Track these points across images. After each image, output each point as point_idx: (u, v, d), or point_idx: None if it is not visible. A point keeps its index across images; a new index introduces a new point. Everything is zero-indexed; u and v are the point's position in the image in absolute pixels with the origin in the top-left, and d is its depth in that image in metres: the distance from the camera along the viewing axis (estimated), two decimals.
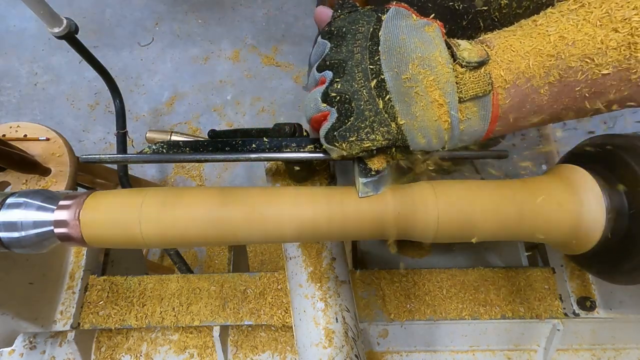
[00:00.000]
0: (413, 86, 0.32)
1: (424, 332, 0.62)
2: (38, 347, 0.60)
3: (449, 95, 0.32)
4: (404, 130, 0.33)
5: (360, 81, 0.34)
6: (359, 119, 0.34)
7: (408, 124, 0.33)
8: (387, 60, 0.33)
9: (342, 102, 0.34)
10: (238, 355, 0.61)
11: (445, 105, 0.33)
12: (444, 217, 0.37)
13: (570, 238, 0.39)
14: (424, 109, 0.33)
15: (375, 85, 0.33)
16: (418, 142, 0.34)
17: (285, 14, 2.09)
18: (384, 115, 0.33)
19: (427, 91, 0.32)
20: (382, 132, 0.33)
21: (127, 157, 0.45)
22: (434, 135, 0.34)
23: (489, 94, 0.33)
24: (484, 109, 0.33)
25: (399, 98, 0.33)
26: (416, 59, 0.32)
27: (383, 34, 0.34)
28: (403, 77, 0.32)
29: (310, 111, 0.37)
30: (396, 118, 0.33)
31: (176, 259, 0.93)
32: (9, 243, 0.36)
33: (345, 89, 0.34)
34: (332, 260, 0.52)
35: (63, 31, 0.90)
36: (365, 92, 0.33)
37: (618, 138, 0.40)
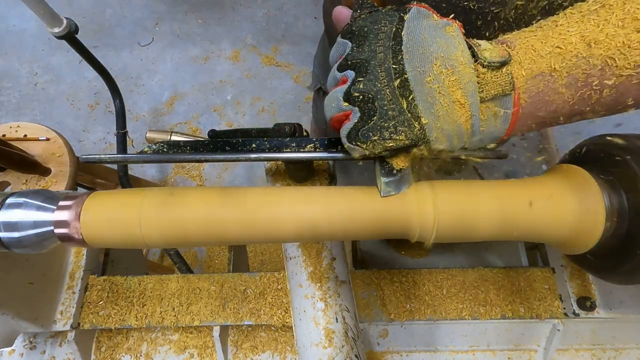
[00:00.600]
0: (436, 87, 0.32)
1: (424, 332, 0.62)
2: (38, 347, 0.60)
3: (470, 96, 0.32)
4: (427, 130, 0.33)
5: (383, 81, 0.33)
6: (382, 118, 0.33)
7: (431, 123, 0.33)
8: (410, 60, 0.33)
9: (365, 102, 0.34)
10: (238, 355, 0.61)
11: (467, 106, 0.33)
12: (442, 217, 0.37)
13: (570, 238, 0.39)
14: (446, 109, 0.33)
15: (399, 85, 0.33)
16: (440, 141, 0.34)
17: (285, 14, 2.09)
18: (407, 115, 0.33)
19: (449, 91, 0.32)
20: (406, 131, 0.33)
21: (127, 157, 0.45)
22: (456, 135, 0.34)
23: (511, 93, 0.33)
24: (505, 109, 0.33)
25: (422, 98, 0.33)
26: (438, 59, 0.32)
27: (406, 34, 0.34)
28: (426, 78, 0.32)
29: (331, 111, 0.36)
30: (419, 118, 0.33)
31: (176, 259, 0.93)
32: (9, 243, 0.36)
33: (368, 89, 0.34)
34: (332, 260, 0.52)
35: (63, 31, 0.90)
36: (389, 92, 0.33)
37: (618, 138, 0.40)
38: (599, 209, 0.37)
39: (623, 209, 0.37)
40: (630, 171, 0.37)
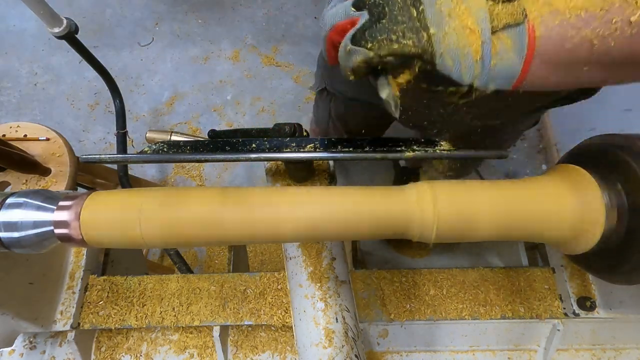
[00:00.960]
0: (446, 9, 0.33)
1: (424, 332, 0.62)
2: (38, 347, 0.60)
3: (481, 22, 0.32)
4: (434, 42, 0.33)
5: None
6: (391, 21, 0.33)
7: (438, 36, 0.33)
8: None
9: (375, 5, 0.34)
10: (238, 355, 0.61)
11: (477, 32, 0.32)
12: (442, 217, 0.37)
13: (570, 238, 0.39)
14: (455, 31, 0.33)
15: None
16: (446, 63, 0.34)
17: (285, 14, 2.09)
18: (417, 24, 0.33)
19: (459, 16, 0.33)
20: (413, 38, 0.33)
21: (127, 157, 0.45)
22: (463, 60, 0.33)
23: (523, 22, 0.32)
24: (519, 39, 0.32)
25: (432, 10, 0.33)
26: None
27: None
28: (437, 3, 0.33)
29: (335, 18, 0.36)
30: (428, 28, 0.33)
31: (176, 259, 0.93)
32: (9, 243, 0.36)
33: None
34: (332, 260, 0.52)
35: (63, 31, 0.90)
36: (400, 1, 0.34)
37: (618, 138, 0.40)
38: (599, 208, 0.37)
39: (623, 208, 0.37)
40: (630, 171, 0.37)
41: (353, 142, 0.44)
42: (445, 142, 0.44)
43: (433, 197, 0.38)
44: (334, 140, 0.44)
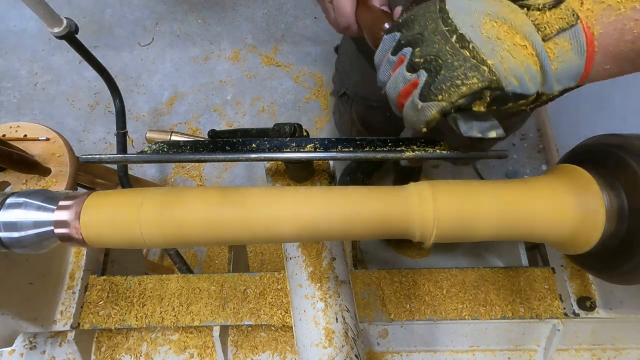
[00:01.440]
0: (493, 35, 0.34)
1: (424, 332, 0.62)
2: (38, 347, 0.60)
3: (530, 36, 0.34)
4: (496, 71, 0.34)
5: (441, 41, 0.36)
6: (449, 69, 0.35)
7: (497, 64, 0.34)
8: (461, 22, 0.35)
9: (429, 62, 0.36)
10: (238, 355, 0.61)
11: (529, 46, 0.34)
12: (442, 217, 0.37)
13: (570, 238, 0.39)
14: (509, 51, 0.34)
15: (457, 40, 0.35)
16: (511, 82, 0.35)
17: (285, 14, 2.09)
18: (473, 61, 0.35)
19: (506, 38, 0.34)
20: (476, 75, 0.35)
21: (128, 157, 0.45)
22: (526, 74, 0.35)
23: (576, 23, 0.33)
24: (576, 40, 0.34)
25: (482, 44, 0.35)
26: (487, 16, 0.35)
27: (450, 6, 0.36)
28: (481, 30, 0.35)
29: (398, 86, 0.38)
30: (485, 61, 0.34)
31: (176, 259, 0.93)
32: (9, 243, 0.36)
33: (428, 52, 0.36)
34: (332, 260, 0.52)
35: (63, 31, 0.90)
36: (449, 47, 0.35)
37: (618, 138, 0.40)
38: (599, 209, 0.37)
39: (623, 209, 0.37)
40: (630, 171, 0.37)
41: (353, 142, 0.44)
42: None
43: (433, 197, 0.38)
44: (334, 140, 0.44)
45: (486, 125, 0.36)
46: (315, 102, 1.91)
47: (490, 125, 0.36)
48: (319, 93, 1.93)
